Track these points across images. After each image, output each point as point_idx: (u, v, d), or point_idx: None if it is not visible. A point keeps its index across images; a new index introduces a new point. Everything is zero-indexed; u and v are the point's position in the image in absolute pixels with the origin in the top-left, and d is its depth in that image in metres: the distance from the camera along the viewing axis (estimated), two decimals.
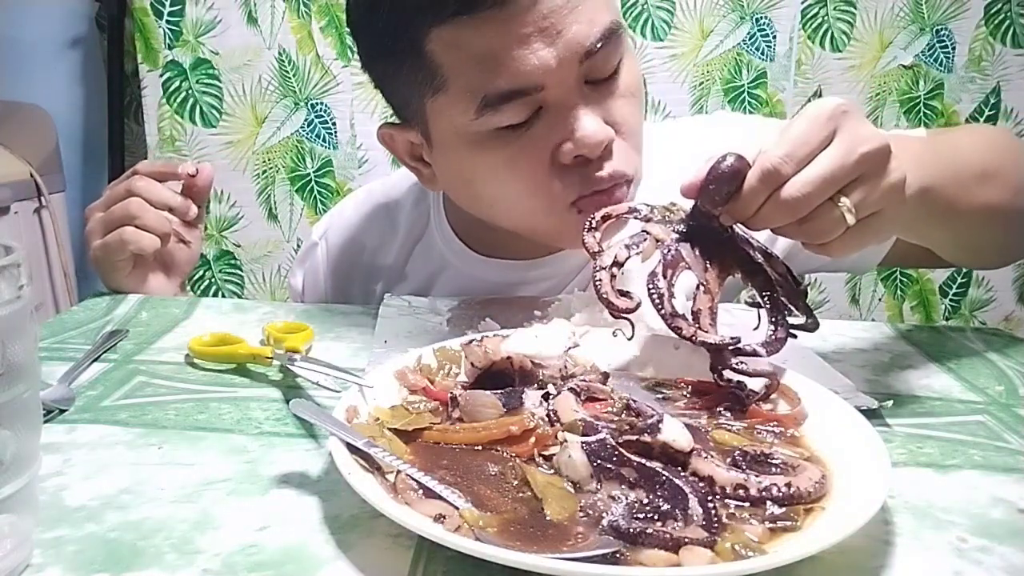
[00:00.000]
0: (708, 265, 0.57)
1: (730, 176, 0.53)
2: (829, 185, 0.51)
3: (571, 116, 0.68)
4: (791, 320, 0.57)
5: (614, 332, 0.59)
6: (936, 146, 0.69)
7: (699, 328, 0.55)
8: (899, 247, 0.85)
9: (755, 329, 0.58)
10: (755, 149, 0.53)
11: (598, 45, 0.67)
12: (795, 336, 0.57)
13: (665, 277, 0.56)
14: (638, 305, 0.56)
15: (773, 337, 0.57)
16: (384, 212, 0.95)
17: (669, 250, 0.56)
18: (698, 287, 0.56)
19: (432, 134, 0.74)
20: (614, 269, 0.56)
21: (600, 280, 0.56)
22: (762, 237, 0.59)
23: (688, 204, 0.57)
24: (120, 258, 0.85)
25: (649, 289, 0.55)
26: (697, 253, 0.57)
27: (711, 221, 0.56)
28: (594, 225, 0.59)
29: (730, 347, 0.55)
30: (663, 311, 0.55)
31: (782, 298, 0.57)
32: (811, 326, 0.58)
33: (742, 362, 0.55)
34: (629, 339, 0.57)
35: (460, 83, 0.68)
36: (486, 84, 0.66)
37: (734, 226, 0.56)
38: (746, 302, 0.60)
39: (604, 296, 0.55)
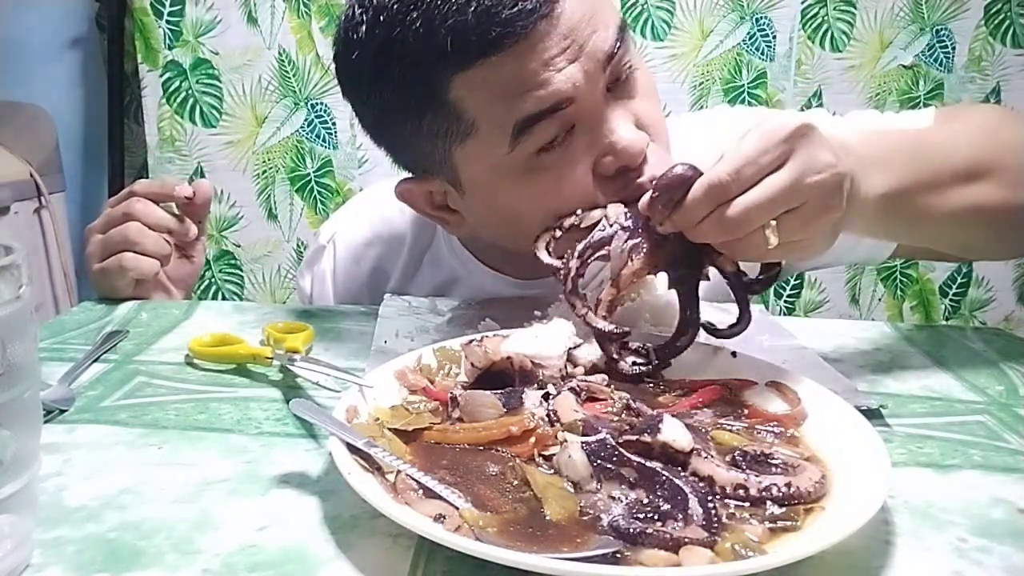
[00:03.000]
0: (631, 260, 0.59)
1: (676, 184, 0.54)
2: (768, 212, 0.52)
3: (606, 128, 0.67)
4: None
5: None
6: (920, 144, 0.69)
7: (591, 311, 0.60)
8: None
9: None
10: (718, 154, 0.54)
11: (617, 46, 0.67)
12: (721, 334, 0.60)
13: (581, 256, 0.60)
14: (627, 333, 0.60)
15: (671, 343, 0.60)
16: (390, 221, 0.94)
17: (604, 230, 0.60)
18: (610, 282, 0.59)
19: (463, 180, 0.72)
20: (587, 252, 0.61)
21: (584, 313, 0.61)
22: None
23: None
24: (121, 282, 0.85)
25: (564, 258, 0.61)
26: (627, 245, 0.59)
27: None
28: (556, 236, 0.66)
29: (615, 337, 0.59)
30: (567, 287, 0.60)
31: (736, 289, 0.59)
32: (731, 333, 0.60)
33: (635, 363, 0.59)
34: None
35: (489, 121, 0.66)
36: (516, 112, 0.65)
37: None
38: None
39: (591, 324, 0.60)
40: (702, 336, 0.60)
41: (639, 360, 0.60)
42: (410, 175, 0.77)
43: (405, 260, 0.92)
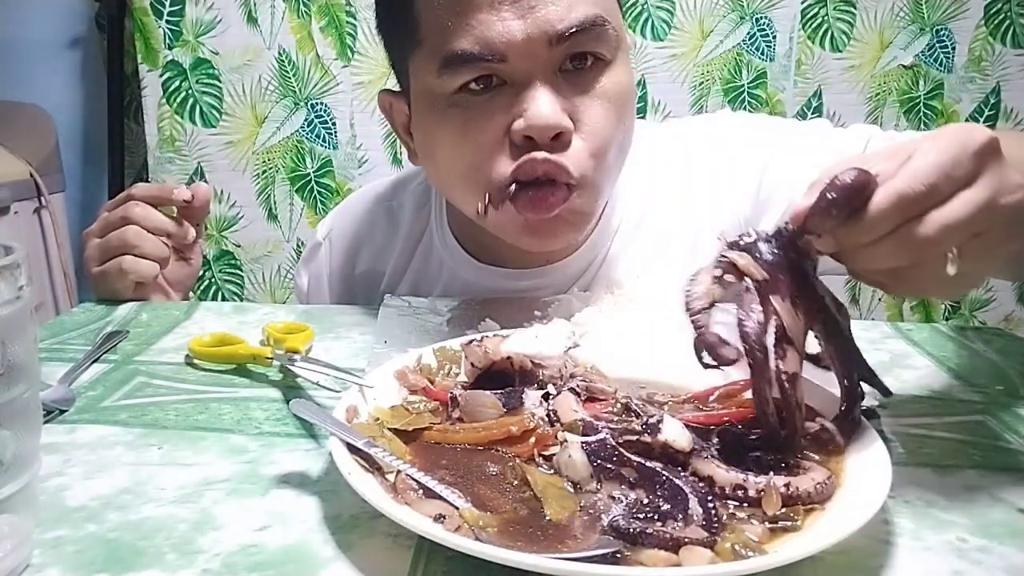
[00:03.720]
0: (797, 315, 0.46)
1: (856, 191, 0.43)
2: (964, 232, 0.44)
3: (529, 95, 0.68)
4: (867, 393, 0.49)
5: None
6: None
7: (798, 403, 0.45)
8: None
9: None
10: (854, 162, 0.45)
11: (571, 31, 0.67)
12: (875, 415, 0.49)
13: (760, 326, 0.45)
14: (740, 356, 0.45)
15: (846, 418, 0.48)
16: (386, 213, 0.95)
17: (759, 288, 0.46)
18: (788, 342, 0.45)
19: (412, 98, 0.76)
20: (711, 310, 0.46)
21: (703, 327, 0.46)
22: None
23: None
24: (120, 285, 0.85)
25: (746, 333, 0.45)
26: (786, 298, 0.46)
27: (802, 257, 0.46)
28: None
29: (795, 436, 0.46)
30: (763, 376, 0.44)
31: (854, 363, 0.48)
32: (885, 390, 0.50)
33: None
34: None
35: (431, 40, 0.69)
36: (450, 43, 0.67)
37: (816, 271, 0.47)
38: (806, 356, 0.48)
39: (710, 344, 0.45)
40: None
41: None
42: (397, 88, 0.80)
43: (399, 252, 0.92)
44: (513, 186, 0.70)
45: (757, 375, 0.45)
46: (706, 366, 0.46)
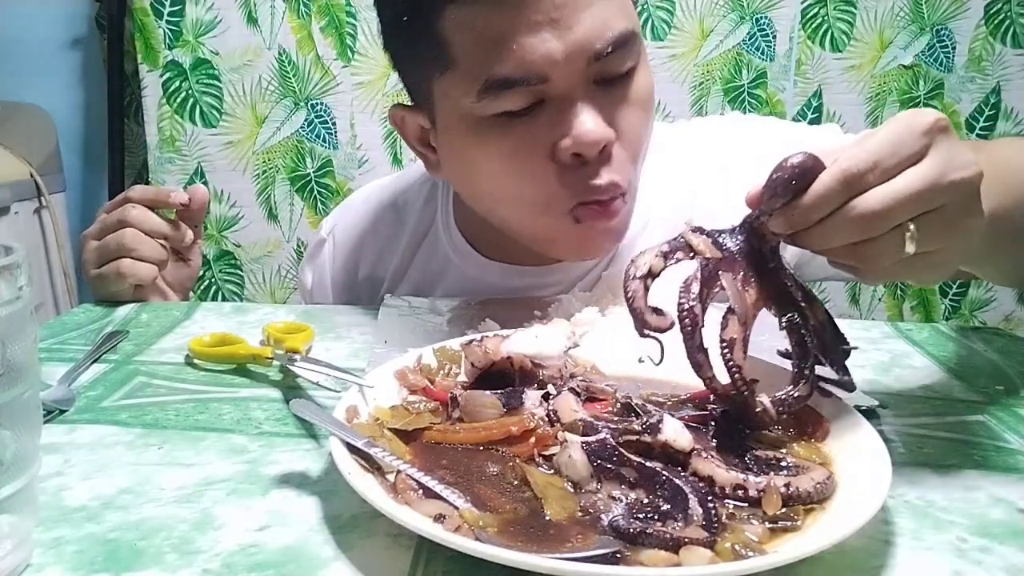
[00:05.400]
0: (747, 291, 0.49)
1: (801, 173, 0.46)
2: (913, 206, 0.45)
3: (572, 112, 0.67)
4: (823, 373, 0.51)
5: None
6: (992, 165, 0.62)
7: (735, 365, 0.48)
8: None
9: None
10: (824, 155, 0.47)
11: (608, 49, 0.67)
12: (827, 394, 0.51)
13: (699, 295, 0.48)
14: (671, 325, 0.49)
15: (791, 396, 0.50)
16: (392, 209, 0.95)
17: (707, 264, 0.49)
18: (730, 312, 0.49)
19: (437, 116, 0.74)
20: (648, 280, 0.50)
21: (633, 292, 0.49)
22: None
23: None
24: (118, 288, 0.85)
25: (680, 304, 0.48)
26: (738, 276, 0.49)
27: (761, 241, 0.49)
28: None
29: (748, 407, 0.49)
30: (691, 340, 0.48)
31: (815, 354, 0.50)
32: (847, 384, 0.51)
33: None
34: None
35: (466, 64, 0.67)
36: (491, 67, 0.66)
37: (781, 258, 0.50)
38: (778, 352, 0.53)
39: (636, 310, 0.49)
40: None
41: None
42: (409, 103, 0.79)
43: (404, 247, 0.92)
44: (575, 209, 0.71)
45: (686, 341, 0.48)
46: (642, 335, 0.49)
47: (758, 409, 0.49)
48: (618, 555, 0.38)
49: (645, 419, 0.47)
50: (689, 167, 0.88)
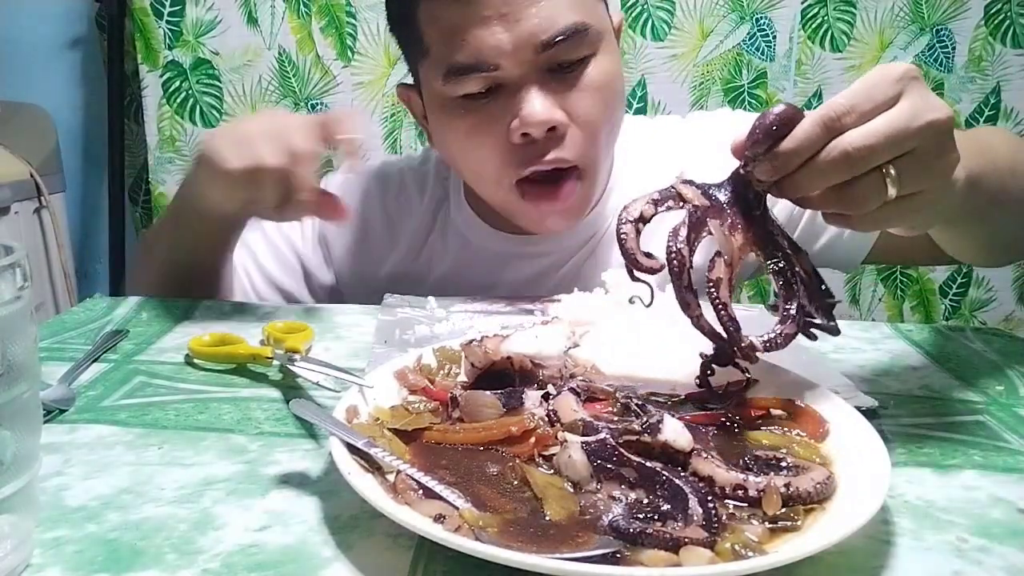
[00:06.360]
0: (733, 236, 0.52)
1: (782, 120, 0.49)
2: (891, 145, 0.48)
3: (522, 96, 0.76)
4: (813, 320, 0.53)
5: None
6: (968, 138, 0.66)
7: (721, 302, 0.51)
8: (883, 240, 0.86)
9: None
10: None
11: (556, 39, 0.74)
12: (813, 337, 0.53)
13: (687, 239, 0.51)
14: (661, 267, 0.51)
15: (777, 333, 0.52)
16: (412, 170, 1.00)
17: (696, 211, 0.52)
18: (717, 255, 0.52)
19: (424, 97, 0.85)
20: (639, 224, 0.52)
21: (625, 234, 0.51)
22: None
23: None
24: (252, 195, 0.74)
25: (668, 247, 0.51)
26: (725, 223, 0.52)
27: (747, 189, 0.52)
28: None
29: (734, 341, 0.52)
30: (679, 280, 0.50)
31: (802, 297, 0.53)
32: (832, 329, 0.53)
33: (736, 362, 0.54)
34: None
35: (435, 52, 0.78)
36: (452, 56, 0.76)
37: (767, 207, 0.53)
38: (768, 305, 0.55)
39: (628, 251, 0.51)
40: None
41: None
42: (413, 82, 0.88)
43: (422, 211, 0.97)
44: (521, 184, 0.80)
45: (675, 281, 0.51)
46: (633, 278, 0.52)
47: (743, 344, 0.51)
48: (618, 555, 0.38)
49: (645, 419, 0.47)
50: (680, 153, 0.92)
